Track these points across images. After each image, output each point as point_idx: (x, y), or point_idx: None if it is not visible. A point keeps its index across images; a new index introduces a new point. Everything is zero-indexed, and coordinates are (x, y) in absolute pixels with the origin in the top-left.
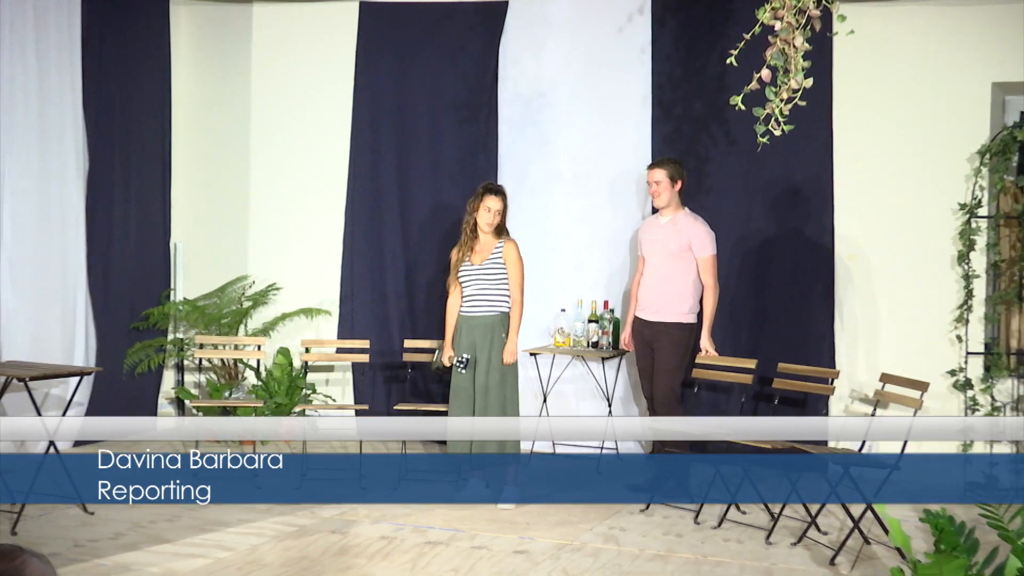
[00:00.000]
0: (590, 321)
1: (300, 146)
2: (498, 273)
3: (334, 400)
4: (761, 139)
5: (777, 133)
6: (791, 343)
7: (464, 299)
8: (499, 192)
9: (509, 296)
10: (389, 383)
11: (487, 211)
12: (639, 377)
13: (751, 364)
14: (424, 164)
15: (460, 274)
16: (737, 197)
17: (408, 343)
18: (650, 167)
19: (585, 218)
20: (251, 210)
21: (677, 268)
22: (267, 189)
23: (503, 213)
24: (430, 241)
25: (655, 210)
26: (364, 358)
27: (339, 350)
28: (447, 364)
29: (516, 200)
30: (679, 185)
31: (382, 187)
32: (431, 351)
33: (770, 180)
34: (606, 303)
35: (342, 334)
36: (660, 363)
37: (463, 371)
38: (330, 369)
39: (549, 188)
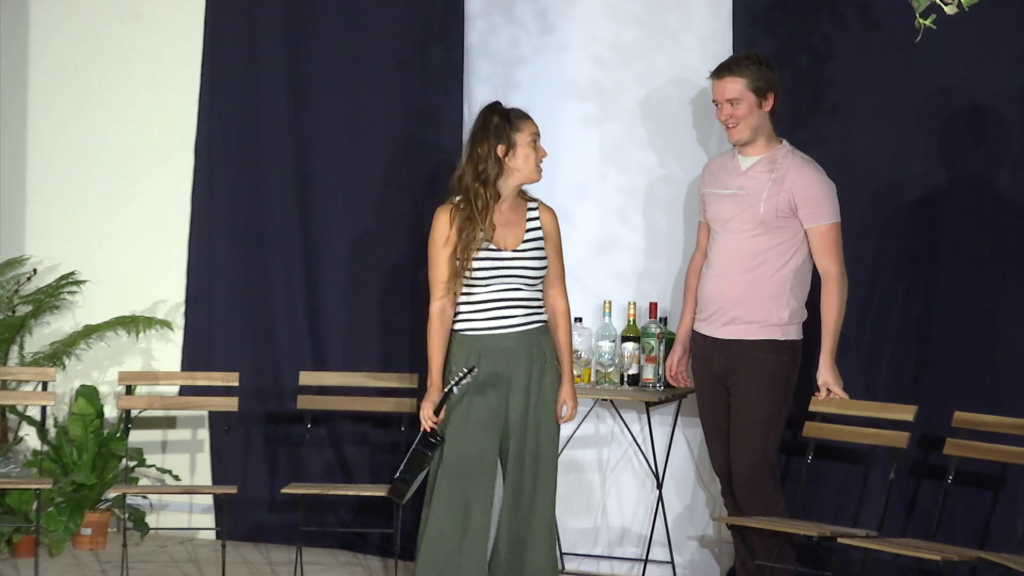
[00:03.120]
0: (625, 339)
1: (111, 41)
2: (540, 260)
3: (177, 478)
4: (922, 22)
5: (950, 11)
6: (975, 379)
7: (477, 307)
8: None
9: (542, 299)
10: (273, 448)
11: (532, 145)
12: (705, 436)
13: (907, 414)
14: (335, 65)
15: (479, 265)
16: (880, 122)
17: (307, 378)
18: (716, 74)
19: (615, 160)
20: (30, 154)
21: (770, 246)
22: (58, 120)
23: None
24: (343, 197)
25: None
26: (230, 404)
27: (185, 390)
28: (429, 424)
29: None
30: (770, 103)
31: (260, 107)
32: (352, 392)
33: (938, 94)
34: (653, 307)
35: (191, 362)
36: (743, 414)
37: (457, 390)
38: (170, 424)
39: (554, 108)
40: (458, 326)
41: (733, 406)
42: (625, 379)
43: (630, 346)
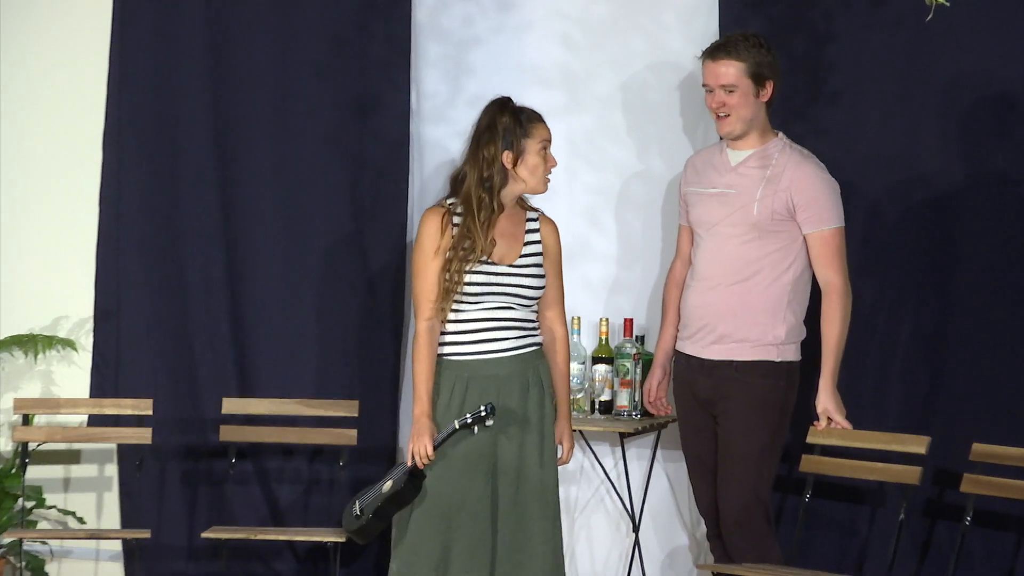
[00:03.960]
0: (596, 360)
1: (6, 22)
2: (539, 279)
3: (81, 521)
4: None
5: None
6: (996, 405)
7: (464, 327)
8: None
9: (537, 320)
10: (192, 486)
11: (542, 154)
12: (688, 472)
13: (919, 446)
14: (261, 46)
15: (469, 279)
16: (888, 113)
17: (231, 405)
18: (710, 55)
19: (585, 155)
20: None
21: (765, 253)
22: None
23: None
24: (272, 197)
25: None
26: (142, 436)
27: (91, 420)
28: (425, 461)
29: (446, 119)
30: (768, 92)
31: (177, 95)
32: (283, 422)
33: (952, 82)
34: (628, 323)
35: (98, 388)
36: (733, 445)
37: (476, 429)
38: (73, 458)
39: (514, 97)
40: (442, 349)
41: (721, 437)
42: (596, 406)
43: (602, 368)
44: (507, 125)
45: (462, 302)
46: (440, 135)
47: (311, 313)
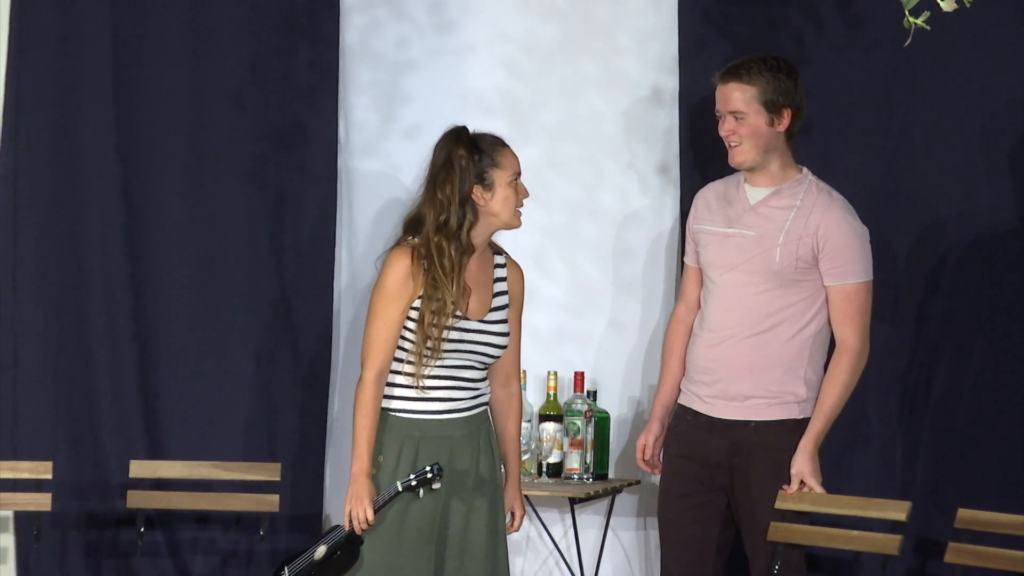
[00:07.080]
0: (543, 418)
1: None
2: (505, 337)
3: None
4: (914, 21)
5: (946, 7)
6: (984, 468)
7: (424, 382)
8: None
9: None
10: (96, 558)
11: (514, 185)
12: (661, 539)
13: (899, 512)
14: (172, 70)
15: (448, 335)
16: (862, 148)
17: (140, 468)
18: (722, 78)
19: (531, 191)
20: None
21: (786, 304)
22: None
23: None
24: (184, 238)
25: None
26: (40, 502)
27: None
28: (364, 526)
29: (378, 152)
30: (785, 122)
31: (79, 125)
32: (198, 487)
33: (938, 112)
34: (579, 377)
35: None
36: (759, 518)
37: (421, 493)
38: None
39: (453, 122)
40: (389, 404)
41: (744, 507)
42: (544, 469)
43: (550, 427)
44: (470, 158)
45: (450, 358)
46: (371, 169)
47: (228, 367)
